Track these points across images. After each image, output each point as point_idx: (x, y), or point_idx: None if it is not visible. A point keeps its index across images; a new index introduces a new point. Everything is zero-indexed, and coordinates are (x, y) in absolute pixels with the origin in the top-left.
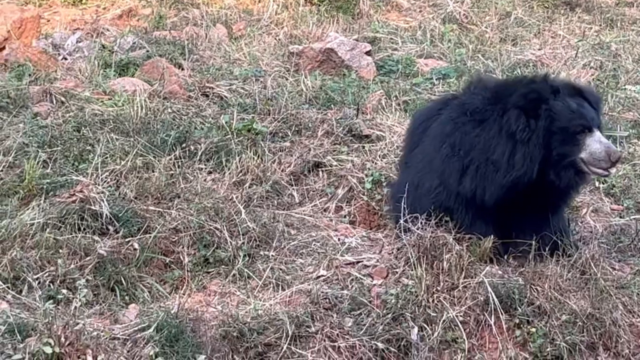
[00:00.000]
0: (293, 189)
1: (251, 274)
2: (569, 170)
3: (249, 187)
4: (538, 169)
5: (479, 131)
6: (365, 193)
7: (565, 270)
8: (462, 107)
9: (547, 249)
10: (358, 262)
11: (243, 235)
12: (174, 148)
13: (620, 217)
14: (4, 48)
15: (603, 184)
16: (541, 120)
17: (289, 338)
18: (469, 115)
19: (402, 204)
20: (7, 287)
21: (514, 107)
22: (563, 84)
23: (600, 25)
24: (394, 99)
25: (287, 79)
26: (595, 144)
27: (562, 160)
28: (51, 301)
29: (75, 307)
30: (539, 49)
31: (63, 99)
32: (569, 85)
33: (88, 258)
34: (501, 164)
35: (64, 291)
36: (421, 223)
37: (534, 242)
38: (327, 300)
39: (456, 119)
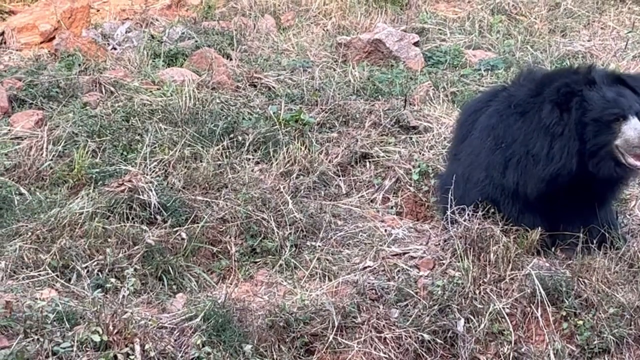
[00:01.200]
0: (340, 179)
1: (298, 264)
2: (608, 160)
3: (296, 178)
4: (577, 161)
5: (521, 124)
6: (412, 184)
7: (613, 263)
8: (509, 99)
9: (594, 242)
10: (404, 254)
11: (290, 225)
12: (221, 138)
13: None
14: (54, 38)
15: None
16: (573, 113)
17: (335, 328)
18: (513, 107)
19: (450, 195)
20: (57, 275)
21: (547, 101)
22: (604, 73)
23: None
24: (442, 90)
25: (334, 70)
26: (630, 130)
27: (599, 151)
28: (99, 290)
29: (123, 296)
30: (589, 40)
31: (112, 88)
32: (612, 74)
33: (136, 247)
34: (540, 157)
35: (112, 280)
36: (468, 215)
37: (581, 235)
38: (374, 291)
39: (502, 112)
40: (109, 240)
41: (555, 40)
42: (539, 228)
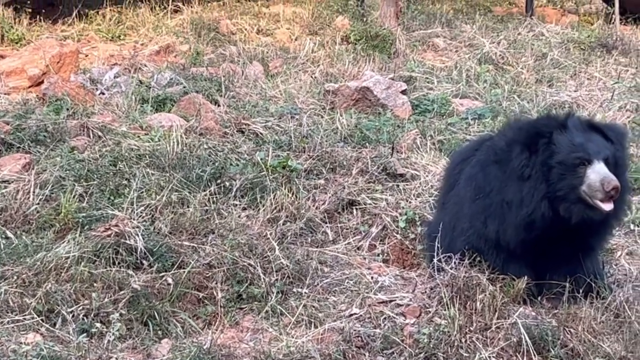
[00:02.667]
0: (327, 226)
1: (284, 310)
2: (578, 204)
3: (283, 224)
4: (549, 206)
5: (497, 172)
6: (399, 232)
7: (599, 313)
8: (490, 149)
9: (581, 291)
10: (391, 301)
11: (276, 271)
12: (209, 184)
13: None
14: (42, 82)
15: (638, 226)
16: (540, 155)
17: None
18: (492, 156)
19: (437, 243)
20: (42, 319)
21: (516, 143)
22: (579, 120)
23: (637, 67)
24: (429, 138)
25: (322, 117)
26: (592, 174)
27: (567, 195)
28: (85, 335)
29: (109, 341)
30: (575, 91)
31: (100, 133)
32: (587, 122)
33: (122, 292)
34: (513, 203)
35: (98, 325)
36: (455, 263)
37: (567, 284)
38: (360, 338)
39: (483, 161)
40: (95, 284)
41: (542, 90)
42: (525, 277)
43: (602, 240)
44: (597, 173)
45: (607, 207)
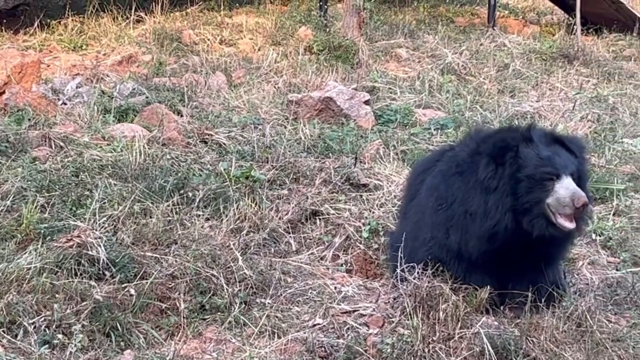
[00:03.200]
0: (290, 236)
1: (247, 321)
2: (540, 219)
3: (246, 235)
4: (513, 218)
5: (460, 183)
6: (363, 242)
7: (561, 322)
8: (452, 159)
9: (543, 301)
10: (354, 311)
11: (240, 282)
12: (172, 194)
13: (617, 270)
14: (3, 92)
15: (600, 236)
16: (507, 167)
17: None
18: (455, 167)
19: (399, 253)
20: (3, 331)
21: (484, 155)
22: (543, 132)
23: (598, 78)
24: (392, 148)
25: (285, 127)
26: (561, 189)
27: (531, 209)
28: (46, 346)
29: (71, 353)
30: (537, 101)
31: (62, 143)
32: (550, 134)
33: (84, 303)
34: (477, 215)
35: (60, 336)
36: (418, 273)
37: (530, 294)
38: (323, 348)
39: (445, 172)
40: (57, 295)
41: (504, 101)
42: (488, 287)
43: (564, 251)
44: (567, 189)
45: (571, 225)
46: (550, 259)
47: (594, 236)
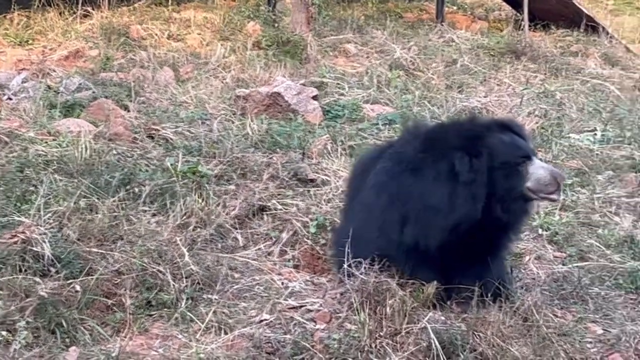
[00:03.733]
0: (237, 232)
1: (194, 317)
2: (517, 202)
3: (193, 230)
4: (484, 207)
5: (414, 180)
6: (310, 237)
7: (508, 317)
8: (396, 156)
9: (489, 295)
10: (301, 307)
11: (186, 278)
12: (118, 190)
13: (563, 265)
14: None
15: (546, 231)
16: (482, 158)
17: None
18: (404, 164)
19: (346, 249)
20: None
21: (456, 149)
22: (491, 121)
23: (545, 73)
24: (340, 143)
25: (233, 123)
26: (539, 170)
27: (509, 194)
28: None
29: (15, 350)
30: (485, 96)
31: (7, 139)
32: (496, 121)
33: (29, 299)
34: (441, 208)
35: (4, 333)
36: (365, 268)
37: (476, 288)
38: (270, 344)
39: (391, 169)
40: (1, 292)
41: (452, 96)
42: (435, 282)
43: (509, 242)
44: (543, 169)
45: (559, 197)
46: (496, 251)
47: (540, 231)
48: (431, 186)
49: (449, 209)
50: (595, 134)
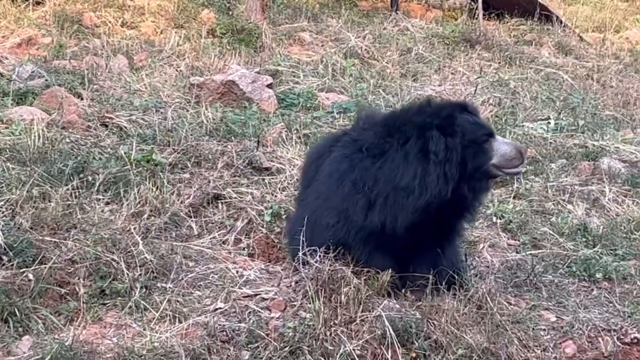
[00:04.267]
0: (192, 220)
1: (148, 306)
2: (482, 180)
3: (147, 219)
4: (453, 185)
5: (380, 164)
6: (265, 226)
7: (462, 305)
8: (355, 143)
9: (443, 283)
10: (256, 295)
11: (140, 267)
12: (71, 178)
13: (517, 253)
14: None
15: (500, 219)
16: (457, 137)
17: None
18: (365, 151)
19: (301, 237)
20: None
21: (430, 129)
22: (449, 102)
23: (500, 62)
24: (295, 132)
25: (187, 111)
26: (503, 146)
27: (476, 172)
28: None
29: None
30: (439, 85)
31: None
32: (453, 103)
33: None
34: (412, 189)
35: None
36: (320, 256)
37: (431, 276)
38: (225, 333)
39: (351, 156)
40: None
41: (407, 85)
42: (390, 270)
43: (462, 228)
44: (507, 144)
45: (523, 168)
46: (451, 237)
47: (494, 219)
48: (401, 168)
49: (421, 189)
50: (549, 123)
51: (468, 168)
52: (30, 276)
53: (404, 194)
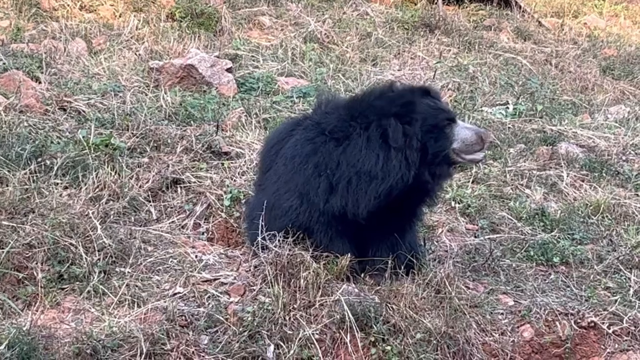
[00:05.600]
0: (151, 205)
1: (106, 290)
2: (443, 165)
3: (106, 203)
4: (415, 171)
5: (343, 148)
6: (224, 210)
7: (421, 289)
8: (318, 126)
9: (402, 268)
10: (215, 280)
11: (99, 251)
12: (29, 162)
13: (475, 237)
14: None
15: (459, 203)
16: (415, 124)
17: (143, 356)
18: (327, 134)
19: (260, 222)
20: None
21: (388, 116)
22: (411, 87)
23: (459, 47)
24: (254, 116)
25: (146, 95)
26: (464, 131)
27: (436, 157)
28: None
29: None
30: (399, 70)
31: None
32: (416, 87)
33: None
34: (375, 174)
35: None
36: (279, 241)
37: (390, 261)
38: (183, 317)
39: (314, 139)
40: None
41: (367, 69)
42: (349, 254)
43: (422, 212)
44: (468, 129)
45: (481, 155)
46: (410, 221)
47: (453, 204)
48: (364, 153)
49: (383, 174)
50: (508, 108)
51: (429, 154)
52: None
53: (367, 179)
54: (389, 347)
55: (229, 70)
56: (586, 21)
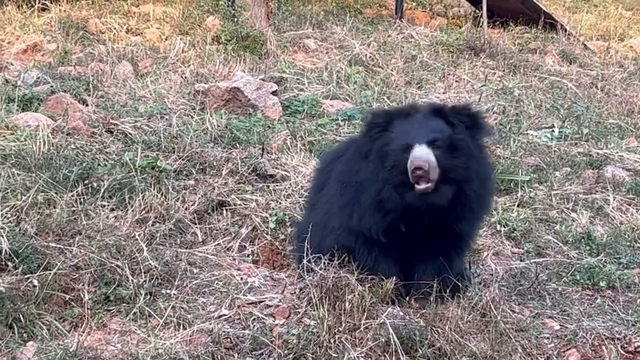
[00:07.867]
0: (196, 227)
1: (152, 312)
2: (408, 188)
3: (152, 225)
4: (392, 189)
5: (361, 165)
6: (269, 232)
7: (466, 313)
8: (359, 147)
9: (448, 291)
10: (260, 302)
11: (145, 273)
12: (76, 184)
13: (521, 261)
14: None
15: (504, 227)
16: (377, 143)
17: None
18: (358, 153)
19: (306, 243)
20: None
21: (362, 134)
22: (429, 108)
23: (504, 70)
24: (299, 139)
25: (192, 117)
26: (410, 156)
27: (396, 179)
28: None
29: None
30: (444, 93)
31: None
32: (436, 108)
33: None
34: (367, 183)
35: None
36: (324, 263)
37: (435, 284)
38: (229, 339)
39: (351, 159)
40: None
41: (412, 92)
42: (394, 277)
43: (471, 227)
44: (414, 156)
45: (420, 187)
46: (457, 238)
47: (498, 227)
48: (363, 165)
49: (371, 185)
50: (553, 131)
51: (391, 174)
52: (35, 282)
53: (364, 190)
54: None
55: (274, 93)
56: (632, 44)
